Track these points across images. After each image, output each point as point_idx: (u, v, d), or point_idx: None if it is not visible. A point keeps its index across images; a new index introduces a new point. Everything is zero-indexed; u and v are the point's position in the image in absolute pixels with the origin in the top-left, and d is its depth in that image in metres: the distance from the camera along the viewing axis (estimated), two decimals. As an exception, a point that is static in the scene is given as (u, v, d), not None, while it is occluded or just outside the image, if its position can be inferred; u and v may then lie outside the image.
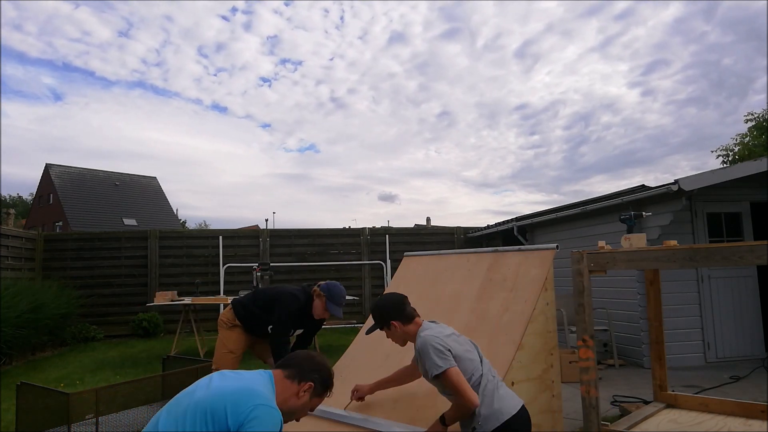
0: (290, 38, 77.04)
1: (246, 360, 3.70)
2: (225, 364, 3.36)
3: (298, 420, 1.98)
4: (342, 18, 78.22)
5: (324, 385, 1.93)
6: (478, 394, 2.22)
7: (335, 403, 3.49)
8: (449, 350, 2.26)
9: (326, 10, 76.16)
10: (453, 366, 2.18)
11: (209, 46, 74.35)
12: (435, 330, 2.40)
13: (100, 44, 66.05)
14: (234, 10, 73.31)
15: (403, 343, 2.59)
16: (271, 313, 3.45)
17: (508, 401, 2.28)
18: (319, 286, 3.50)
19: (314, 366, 1.90)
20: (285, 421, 1.77)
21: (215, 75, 78.90)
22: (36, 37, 63.03)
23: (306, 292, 3.50)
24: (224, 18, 70.63)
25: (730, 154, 23.76)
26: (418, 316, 2.58)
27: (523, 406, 2.33)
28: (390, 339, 2.62)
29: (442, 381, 2.20)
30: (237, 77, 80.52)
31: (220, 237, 10.43)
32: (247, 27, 73.10)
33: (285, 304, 3.44)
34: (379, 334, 3.75)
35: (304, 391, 1.86)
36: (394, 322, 2.52)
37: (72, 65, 72.51)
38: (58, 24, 62.41)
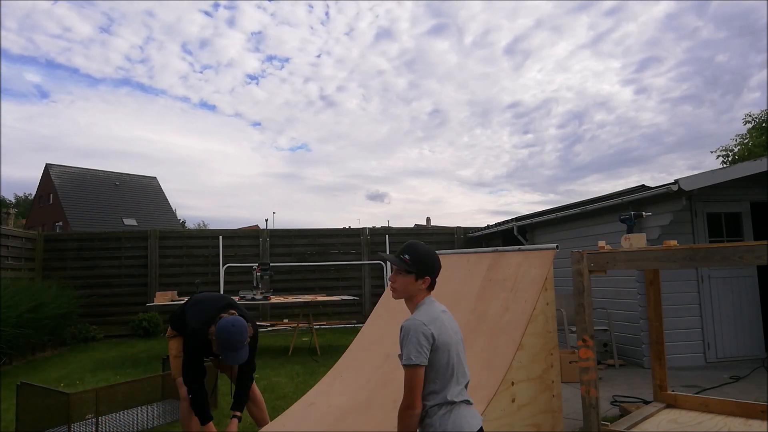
0: (275, 34, 76.35)
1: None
2: (177, 368, 3.30)
3: None
4: (327, 13, 77.68)
5: None
6: (431, 404, 2.10)
7: (336, 400, 3.50)
8: (432, 339, 2.09)
9: (310, 6, 75.63)
10: (422, 365, 2.06)
11: (193, 42, 73.48)
12: (432, 313, 2.20)
13: (82, 40, 65.32)
14: (216, 5, 72.72)
15: (407, 296, 2.30)
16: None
17: (464, 421, 2.13)
18: (216, 323, 3.02)
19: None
20: None
21: (201, 72, 78.05)
22: (17, 33, 62.56)
23: (208, 326, 3.06)
24: (207, 13, 69.73)
25: (730, 154, 23.80)
26: (429, 293, 2.35)
27: (480, 428, 2.17)
28: (395, 285, 2.31)
29: (406, 372, 2.08)
30: (223, 74, 79.62)
31: (220, 237, 10.43)
32: (231, 23, 72.39)
33: (188, 345, 3.11)
34: (379, 334, 3.73)
35: None
36: (428, 277, 2.27)
37: (55, 62, 71.73)
38: (38, 20, 61.94)
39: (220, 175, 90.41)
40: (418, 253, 2.30)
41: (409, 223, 49.34)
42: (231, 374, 3.43)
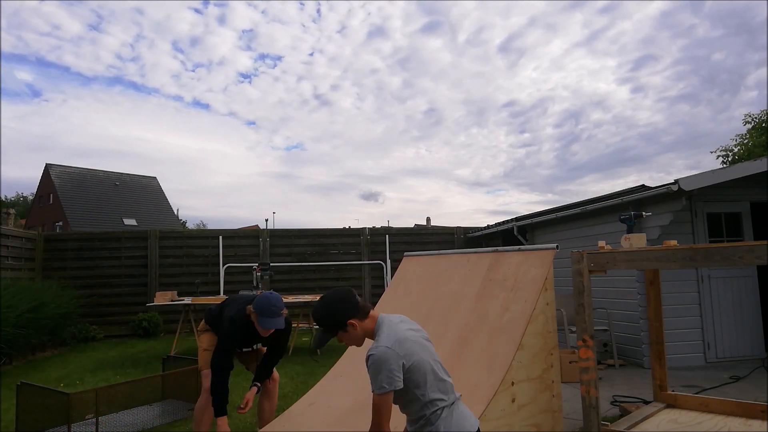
0: (267, 32, 75.88)
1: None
2: (204, 361, 3.38)
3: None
4: (318, 11, 77.55)
5: None
6: (430, 413, 2.06)
7: (336, 400, 3.50)
8: (402, 361, 2.02)
9: (302, 3, 75.59)
10: (392, 390, 2.00)
11: (183, 40, 73.03)
12: (396, 335, 2.09)
13: (71, 38, 65.06)
14: (206, 3, 72.59)
15: (360, 344, 2.24)
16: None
17: (466, 421, 2.12)
18: (253, 303, 3.20)
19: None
20: None
21: (193, 71, 77.45)
22: (6, 31, 61.95)
23: (243, 313, 3.25)
24: (196, 11, 69.28)
25: (730, 154, 23.81)
26: (372, 307, 2.24)
27: (478, 429, 2.16)
28: (344, 342, 2.25)
29: (375, 399, 2.02)
30: (216, 73, 78.98)
31: (220, 237, 10.43)
32: (221, 20, 71.89)
33: (224, 332, 3.25)
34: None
35: None
36: (352, 321, 2.14)
37: (46, 60, 71.20)
38: (26, 17, 61.46)
39: (217, 175, 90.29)
40: (321, 316, 2.19)
41: (408, 223, 49.34)
42: (251, 366, 3.58)
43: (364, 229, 11.08)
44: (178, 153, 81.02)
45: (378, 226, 14.24)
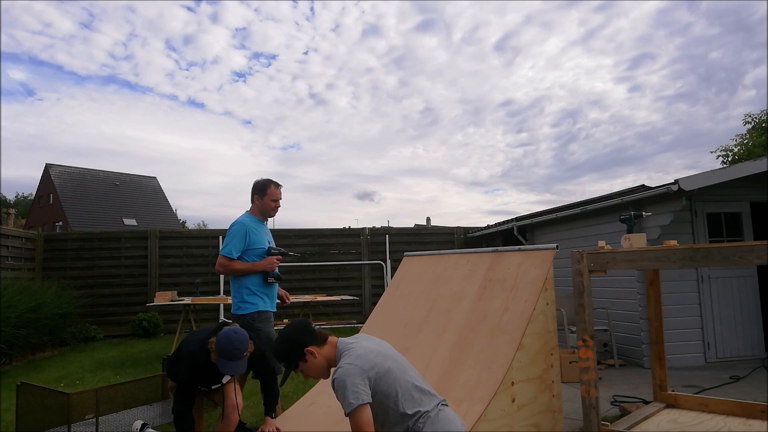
0: (260, 30, 75.71)
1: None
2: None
3: None
4: (312, 9, 77.70)
5: None
6: (412, 424, 2.05)
7: (336, 401, 3.50)
8: (366, 373, 2.00)
9: (295, 1, 75.73)
10: (365, 403, 1.96)
11: (176, 38, 72.89)
12: (357, 352, 2.07)
13: (63, 37, 64.78)
14: (198, 0, 72.66)
15: (326, 375, 2.19)
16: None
17: (451, 424, 2.11)
18: (216, 336, 2.91)
19: None
20: None
21: (187, 69, 77.18)
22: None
23: (205, 347, 2.98)
24: (189, 9, 68.91)
25: (730, 154, 23.83)
26: (330, 334, 2.24)
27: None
28: (309, 376, 2.22)
29: (350, 419, 1.97)
30: (210, 72, 78.80)
31: (220, 237, 10.42)
32: (214, 18, 71.83)
33: (182, 371, 3.01)
34: (379, 334, 3.73)
35: None
36: (309, 348, 2.15)
37: (38, 59, 70.73)
38: (17, 15, 61.23)
39: (213, 175, 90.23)
40: (278, 350, 2.23)
41: (407, 223, 49.29)
42: (217, 399, 3.29)
43: (364, 229, 11.07)
44: (174, 152, 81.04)
45: (378, 226, 14.23)
